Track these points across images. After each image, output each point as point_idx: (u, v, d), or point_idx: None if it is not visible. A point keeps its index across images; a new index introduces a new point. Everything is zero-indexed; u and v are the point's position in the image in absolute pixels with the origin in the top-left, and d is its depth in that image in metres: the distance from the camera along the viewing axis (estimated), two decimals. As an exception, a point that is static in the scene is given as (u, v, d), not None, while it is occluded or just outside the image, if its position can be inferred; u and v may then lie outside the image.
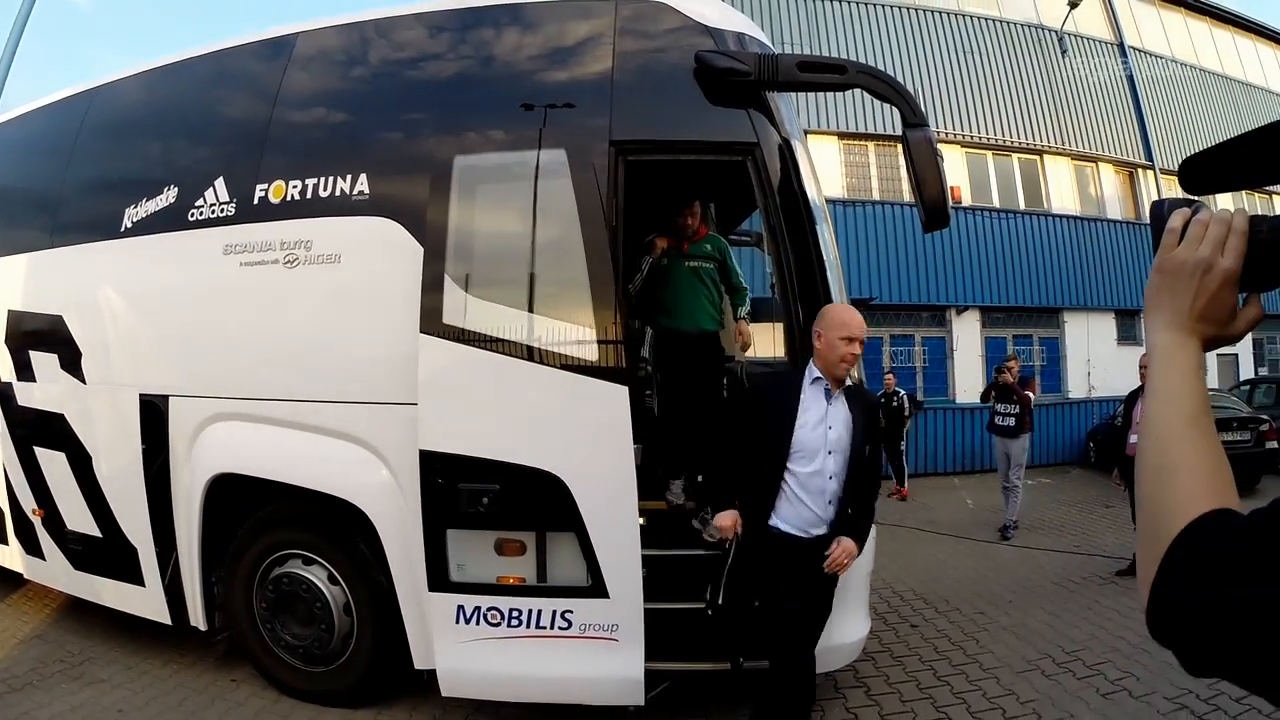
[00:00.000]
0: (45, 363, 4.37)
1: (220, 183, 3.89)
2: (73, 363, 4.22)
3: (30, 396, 4.49)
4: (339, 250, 3.59)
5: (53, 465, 4.38)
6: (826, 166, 12.18)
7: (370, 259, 3.57)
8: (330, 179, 3.65)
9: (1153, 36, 16.56)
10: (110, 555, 4.18)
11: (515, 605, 3.30)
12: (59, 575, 4.57)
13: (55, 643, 4.48)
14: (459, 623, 3.32)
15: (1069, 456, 13.69)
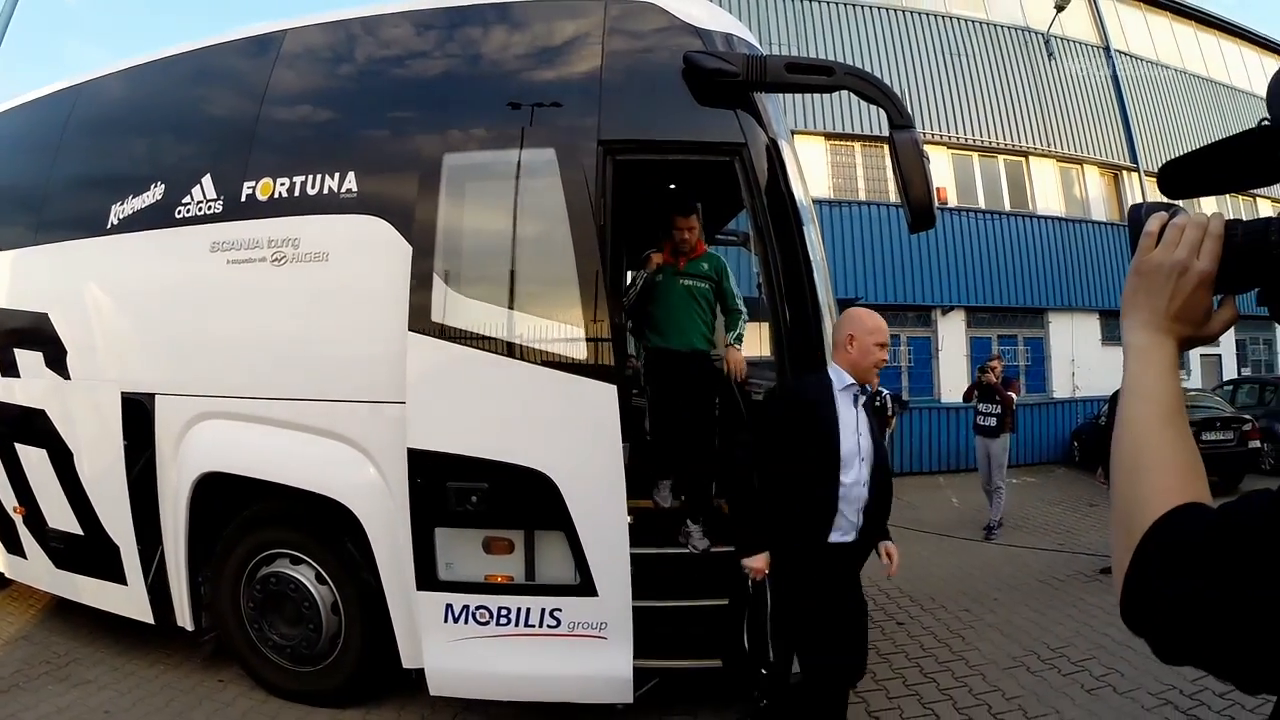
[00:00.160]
0: (30, 360, 4.33)
1: (207, 180, 3.86)
2: (58, 360, 4.18)
3: (11, 392, 4.45)
4: (327, 248, 3.58)
5: (34, 462, 4.34)
6: (813, 167, 12.21)
7: (358, 257, 3.55)
8: (318, 177, 3.64)
9: (1138, 39, 16.69)
10: (92, 553, 4.15)
11: (504, 604, 3.30)
12: (41, 574, 4.53)
13: (41, 644, 4.44)
14: (447, 622, 3.32)
15: (1053, 456, 13.79)
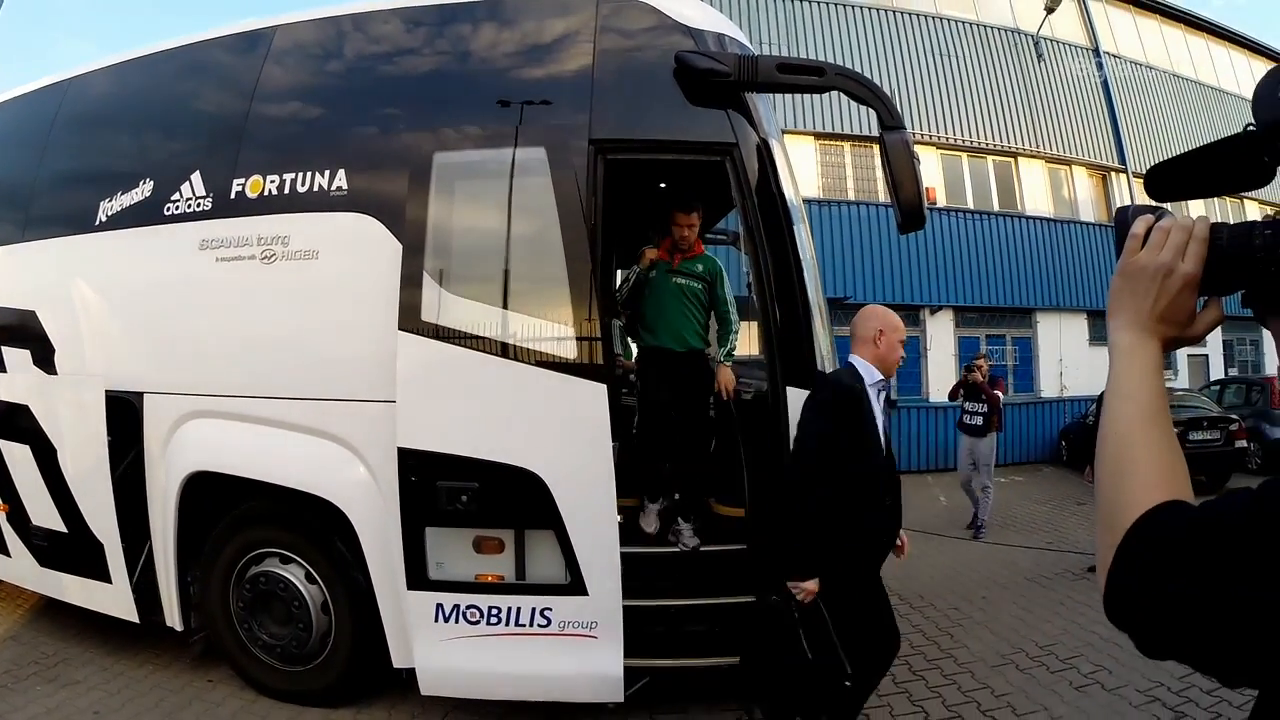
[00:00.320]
0: (17, 358, 4.29)
1: (197, 177, 3.84)
2: (45, 359, 4.14)
3: None
4: (317, 246, 3.56)
5: (17, 459, 4.29)
6: (802, 167, 12.24)
7: (348, 255, 3.54)
8: (308, 174, 3.62)
9: (1127, 42, 16.82)
10: (76, 551, 4.11)
11: (494, 603, 3.30)
12: (26, 573, 4.48)
13: (29, 644, 4.40)
14: (438, 621, 3.31)
15: (1041, 455, 13.89)
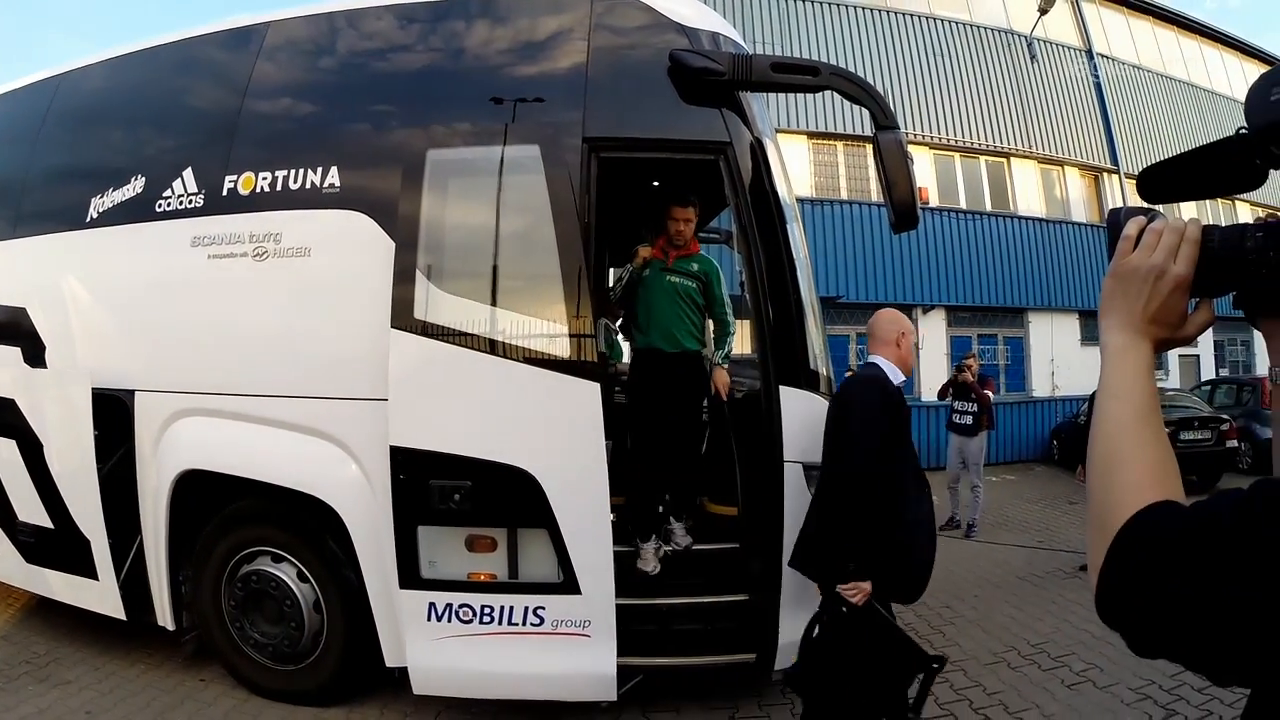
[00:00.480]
0: (7, 354, 4.24)
1: (189, 173, 3.82)
2: (36, 356, 4.11)
3: None
4: (309, 243, 3.55)
5: (2, 454, 4.24)
6: (795, 166, 12.25)
7: (341, 253, 3.53)
8: (301, 171, 3.61)
9: (1120, 43, 16.88)
10: (62, 547, 4.06)
11: (487, 602, 3.29)
12: (13, 570, 4.44)
13: (20, 644, 4.38)
14: (430, 620, 3.30)
15: (1033, 454, 13.95)
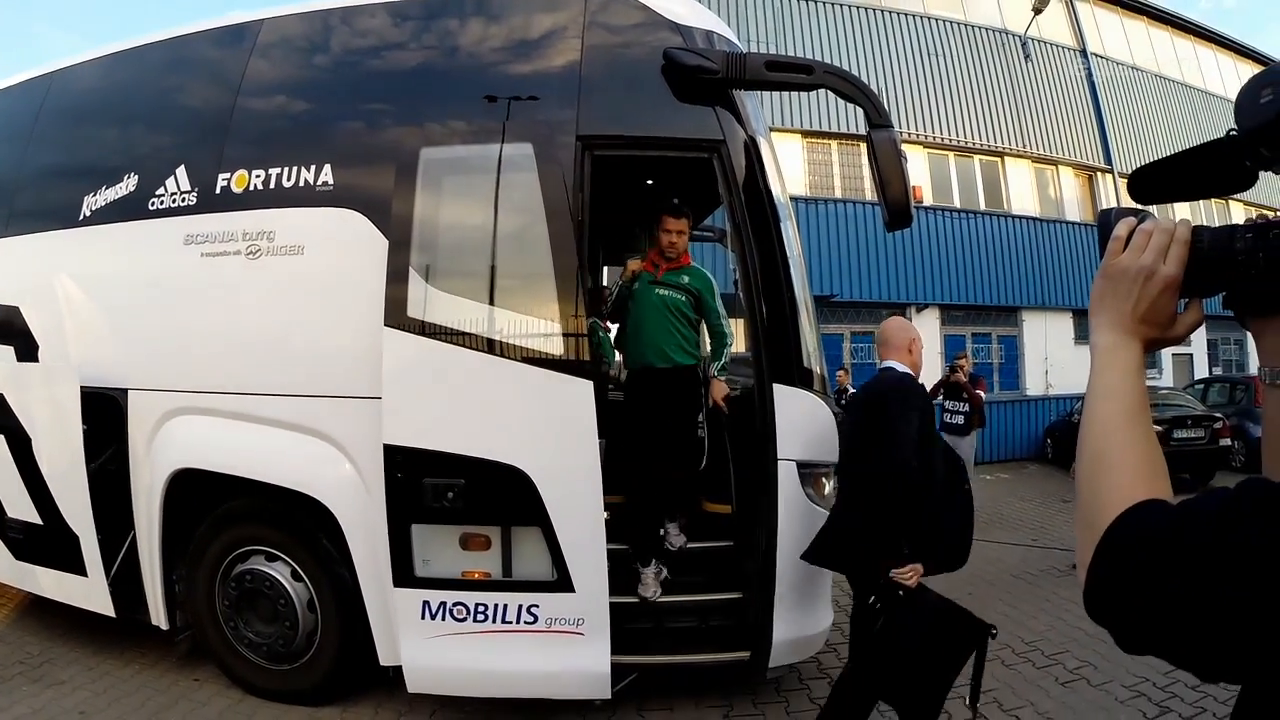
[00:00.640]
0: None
1: (182, 171, 3.81)
2: (29, 355, 4.09)
3: None
4: (302, 242, 3.54)
5: None
6: (790, 164, 12.28)
7: (334, 251, 3.52)
8: (294, 169, 3.60)
9: (1114, 43, 16.95)
10: (52, 544, 4.03)
11: (481, 600, 3.29)
12: (3, 567, 4.42)
13: (14, 644, 4.36)
14: (424, 618, 3.30)
15: (1027, 452, 14.02)
